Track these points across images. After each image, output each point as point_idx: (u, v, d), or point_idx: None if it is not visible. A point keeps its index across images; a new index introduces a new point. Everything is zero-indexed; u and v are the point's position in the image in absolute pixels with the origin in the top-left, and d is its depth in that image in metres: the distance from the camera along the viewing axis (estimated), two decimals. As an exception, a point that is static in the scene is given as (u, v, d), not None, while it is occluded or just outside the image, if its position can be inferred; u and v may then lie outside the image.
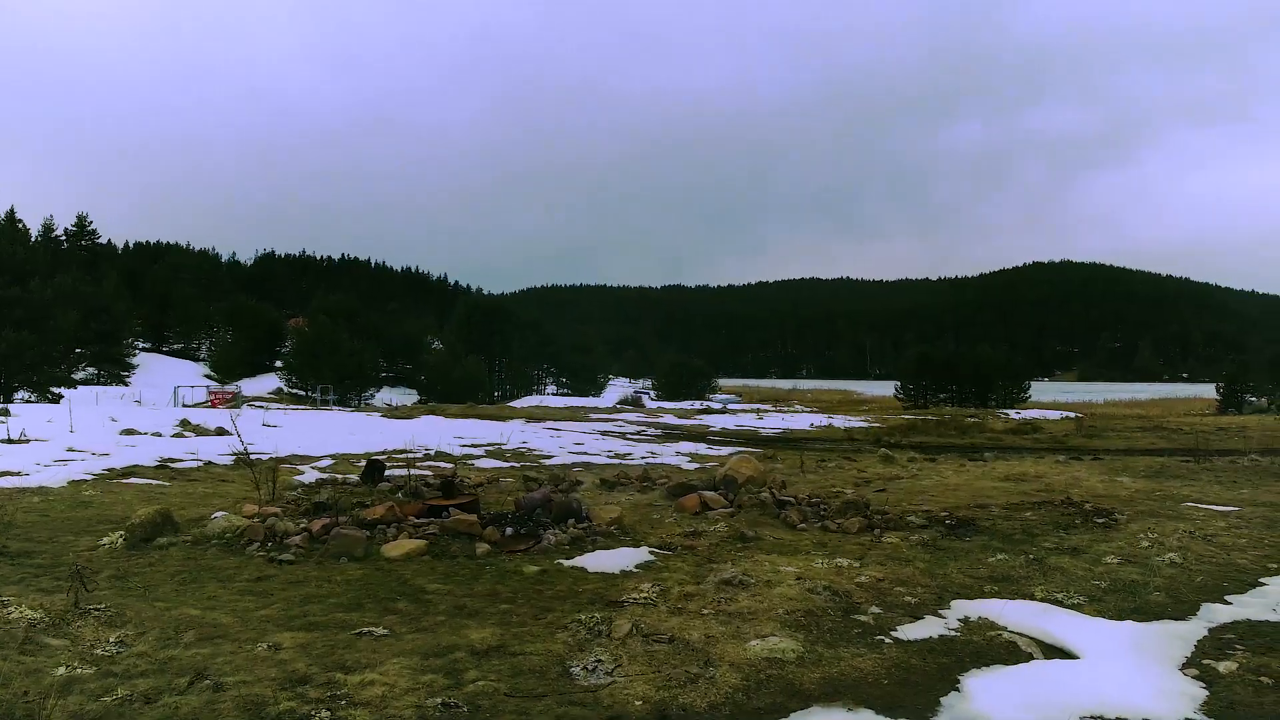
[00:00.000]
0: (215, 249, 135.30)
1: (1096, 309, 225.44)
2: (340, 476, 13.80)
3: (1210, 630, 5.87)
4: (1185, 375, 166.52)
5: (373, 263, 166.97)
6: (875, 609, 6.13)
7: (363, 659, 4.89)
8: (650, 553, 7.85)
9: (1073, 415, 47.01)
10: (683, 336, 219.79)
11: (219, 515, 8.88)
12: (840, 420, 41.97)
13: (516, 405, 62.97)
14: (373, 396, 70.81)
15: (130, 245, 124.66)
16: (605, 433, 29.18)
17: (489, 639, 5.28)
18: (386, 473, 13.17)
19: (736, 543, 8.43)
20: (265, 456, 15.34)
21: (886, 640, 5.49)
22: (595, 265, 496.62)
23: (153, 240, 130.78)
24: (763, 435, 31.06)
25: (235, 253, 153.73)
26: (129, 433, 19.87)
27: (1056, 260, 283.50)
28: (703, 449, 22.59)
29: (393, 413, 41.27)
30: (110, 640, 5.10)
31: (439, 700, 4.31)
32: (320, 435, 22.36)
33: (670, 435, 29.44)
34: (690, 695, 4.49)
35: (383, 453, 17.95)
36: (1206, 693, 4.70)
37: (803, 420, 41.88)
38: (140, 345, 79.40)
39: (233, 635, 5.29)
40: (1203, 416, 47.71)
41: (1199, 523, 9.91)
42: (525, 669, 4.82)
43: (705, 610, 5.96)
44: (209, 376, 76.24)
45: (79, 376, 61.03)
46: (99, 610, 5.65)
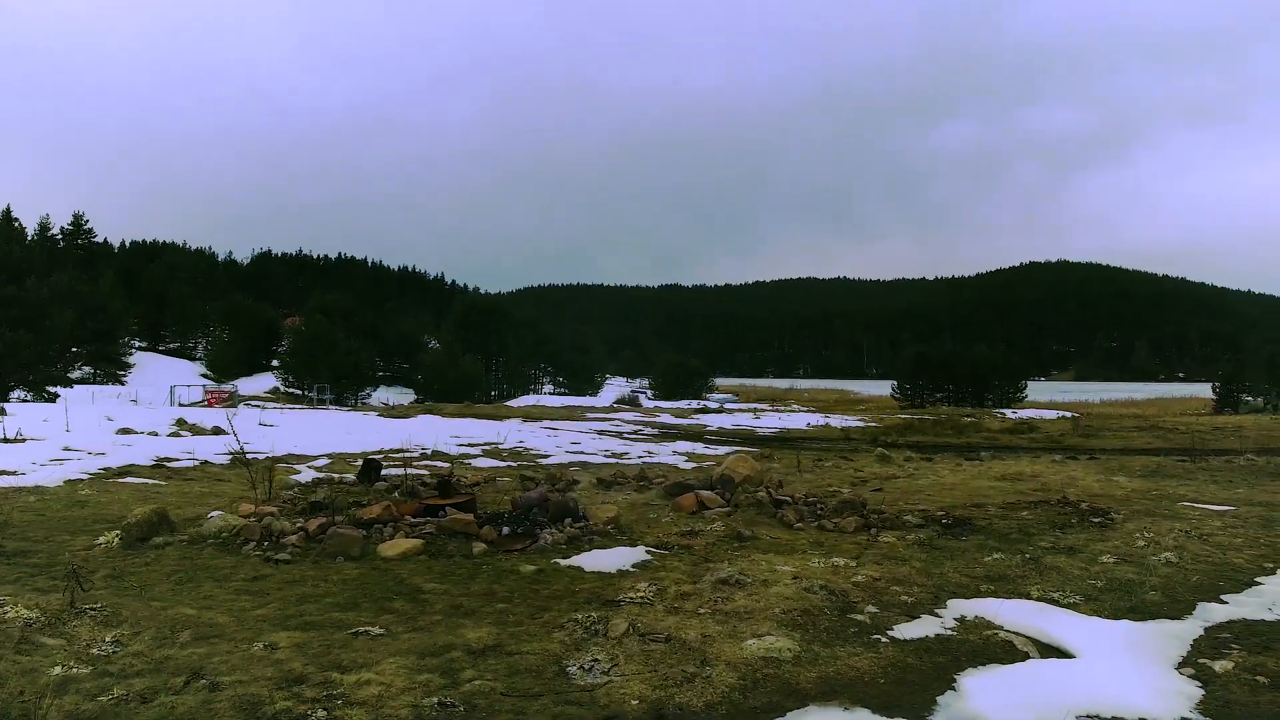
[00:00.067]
0: (211, 248, 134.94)
1: (1093, 309, 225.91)
2: (337, 476, 13.80)
3: (1206, 629, 5.87)
4: (1181, 375, 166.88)
5: (370, 262, 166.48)
6: (872, 608, 6.13)
7: (359, 658, 4.88)
8: (647, 552, 7.85)
9: (1069, 415, 47.05)
10: (680, 336, 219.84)
11: (215, 515, 8.88)
12: (837, 420, 41.99)
13: (513, 404, 62.98)
14: (369, 396, 70.81)
15: (126, 244, 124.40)
16: (602, 432, 29.18)
17: (485, 638, 5.28)
18: (383, 472, 13.16)
19: (733, 542, 8.44)
20: (262, 456, 15.34)
21: (883, 639, 5.50)
22: (592, 264, 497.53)
23: (149, 239, 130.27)
24: (760, 435, 31.07)
25: (232, 252, 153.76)
26: (125, 432, 19.85)
27: (1053, 260, 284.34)
28: (699, 448, 22.59)
29: (389, 412, 41.25)
30: (106, 640, 5.09)
31: (435, 700, 4.31)
32: (317, 435, 22.35)
33: (667, 434, 29.44)
34: (687, 694, 4.49)
35: (379, 452, 17.95)
36: (1202, 692, 4.71)
37: (799, 420, 41.90)
38: (136, 344, 79.27)
39: (229, 635, 5.28)
40: (1199, 416, 47.80)
41: (1195, 522, 9.93)
42: (522, 668, 4.82)
43: (702, 609, 5.96)
44: (205, 376, 76.25)
45: (75, 375, 61.01)
46: (95, 610, 5.64)
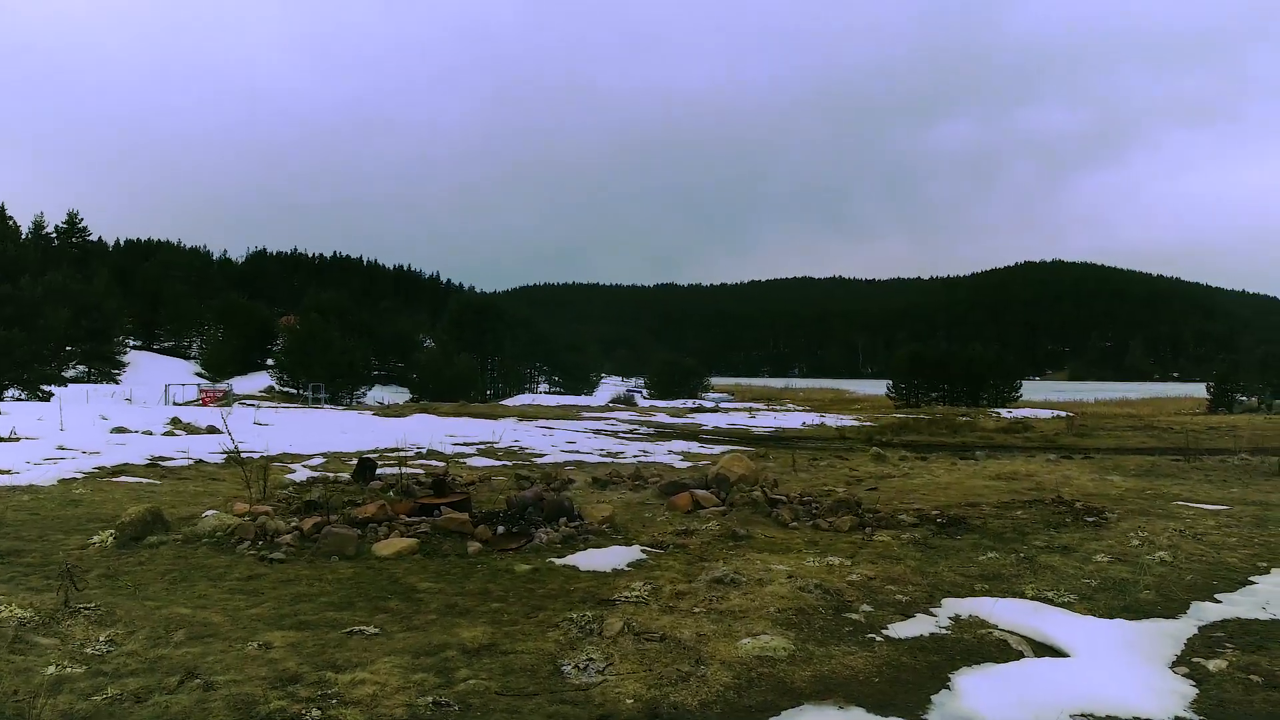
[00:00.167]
0: (206, 246, 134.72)
1: (1088, 308, 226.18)
2: (332, 475, 13.78)
3: (1200, 628, 5.89)
4: (1176, 375, 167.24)
5: (365, 261, 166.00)
6: (866, 607, 6.14)
7: (354, 658, 4.88)
8: (642, 551, 7.85)
9: (1064, 414, 47.09)
10: (675, 335, 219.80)
11: (210, 514, 8.86)
12: (832, 419, 42.02)
13: (509, 404, 62.91)
14: (364, 395, 70.70)
15: (121, 243, 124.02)
16: (597, 431, 29.17)
17: (480, 638, 5.28)
18: (378, 471, 13.15)
19: (728, 541, 8.44)
20: (256, 455, 15.31)
21: (878, 638, 5.50)
22: (588, 263, 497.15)
23: (144, 238, 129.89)
24: (755, 434, 31.07)
25: (226, 250, 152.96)
26: (119, 431, 19.81)
27: (1048, 260, 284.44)
28: (695, 447, 22.59)
29: (384, 411, 41.20)
30: (100, 639, 5.09)
31: (430, 699, 4.30)
32: (312, 434, 22.32)
33: (662, 434, 29.44)
34: (682, 693, 4.49)
35: (374, 451, 17.93)
36: (1197, 691, 4.72)
37: (795, 419, 41.93)
38: (131, 343, 79.00)
39: (223, 634, 5.28)
40: (1193, 416, 47.90)
41: (1189, 521, 9.95)
42: (517, 667, 4.82)
43: (697, 608, 5.97)
44: (200, 374, 76.05)
45: (69, 374, 60.79)
46: (89, 609, 5.63)
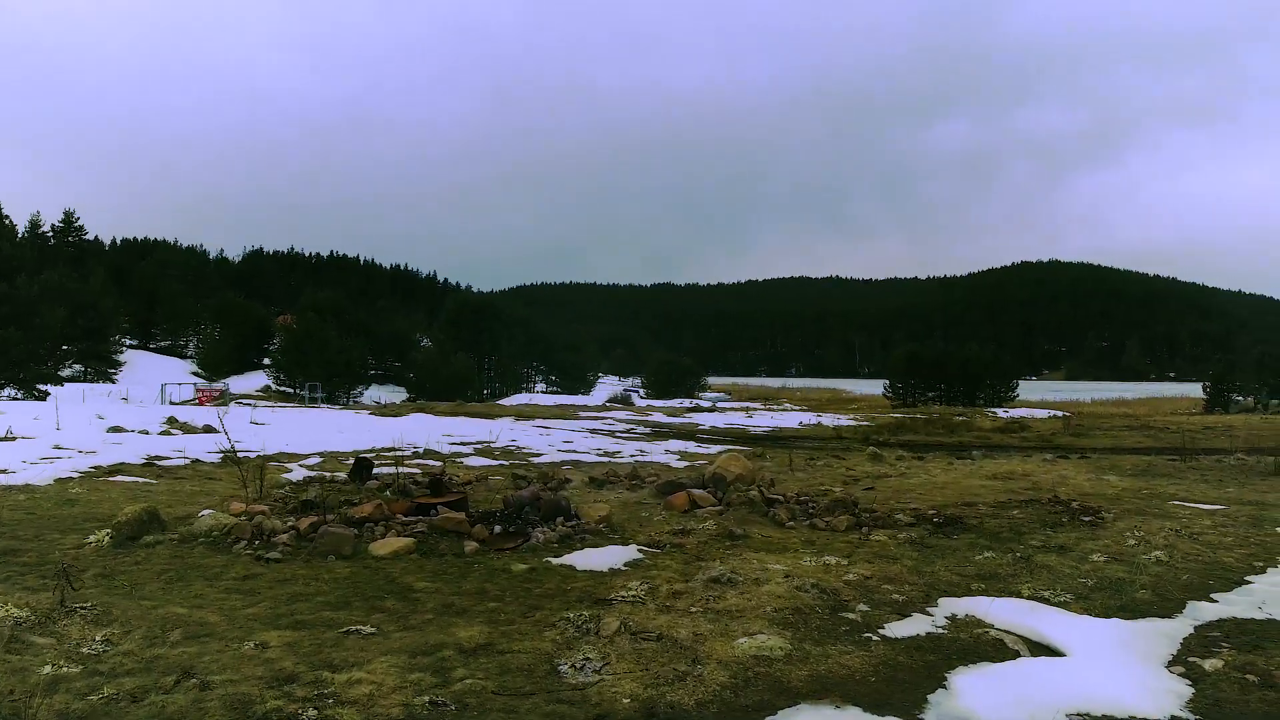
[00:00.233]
0: (203, 245, 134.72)
1: (1084, 308, 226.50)
2: (328, 474, 13.76)
3: (1196, 628, 5.90)
4: (1172, 374, 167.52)
5: (361, 260, 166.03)
6: (863, 607, 6.14)
7: (350, 657, 4.88)
8: (639, 551, 7.85)
9: (1060, 414, 47.17)
10: (672, 334, 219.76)
11: (206, 513, 8.85)
12: (829, 419, 42.04)
13: (506, 403, 62.86)
14: (361, 394, 70.59)
15: (117, 241, 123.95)
16: (594, 431, 29.17)
17: (477, 637, 5.28)
18: (375, 471, 13.13)
19: (725, 541, 8.44)
20: (253, 454, 15.30)
21: (874, 638, 5.51)
22: (585, 263, 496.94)
23: (140, 237, 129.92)
24: (752, 433, 31.08)
25: (223, 249, 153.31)
26: (116, 430, 19.76)
27: (1045, 260, 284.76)
28: (692, 447, 22.59)
29: (381, 410, 41.13)
30: (96, 639, 5.08)
31: (426, 699, 4.30)
32: (308, 433, 22.26)
33: (659, 433, 29.44)
34: (678, 693, 4.49)
35: (371, 451, 17.90)
36: (1192, 690, 4.73)
37: (792, 418, 41.94)
38: (127, 342, 79.01)
39: (219, 634, 5.27)
40: (1189, 415, 47.98)
41: (1185, 521, 9.97)
42: (513, 667, 4.82)
43: (693, 608, 5.97)
44: (196, 374, 75.89)
45: (66, 374, 60.65)
46: (85, 609, 5.62)
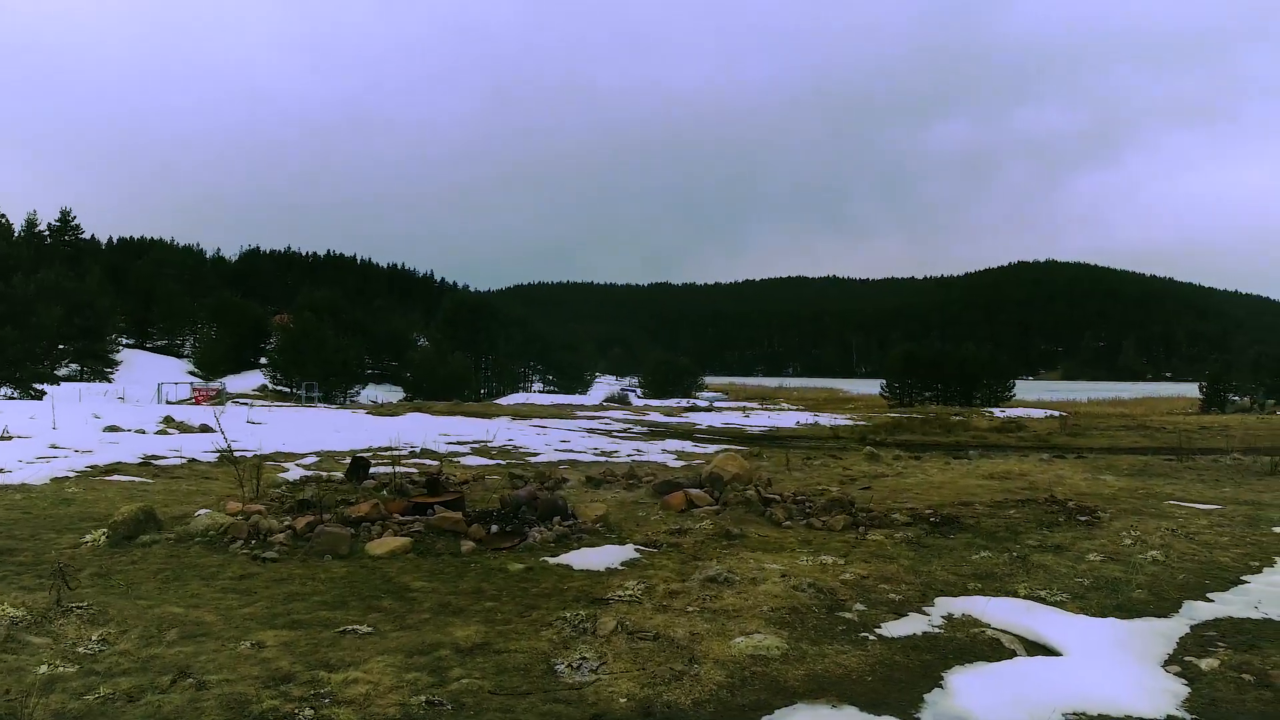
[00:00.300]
0: (200, 245, 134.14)
1: (1081, 308, 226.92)
2: (325, 474, 13.74)
3: (1192, 628, 5.91)
4: (1169, 374, 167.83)
5: (358, 259, 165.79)
6: (860, 606, 6.14)
7: (347, 657, 4.87)
8: (636, 550, 7.85)
9: (1057, 414, 47.23)
10: (670, 334, 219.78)
11: (202, 513, 8.84)
12: (826, 418, 42.05)
13: (503, 403, 62.82)
14: (358, 393, 70.52)
15: (114, 241, 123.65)
16: (591, 430, 29.16)
17: (474, 637, 5.28)
18: (371, 470, 13.12)
19: (722, 540, 8.44)
20: (249, 454, 15.29)
21: (871, 637, 5.51)
22: (582, 263, 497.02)
23: (136, 236, 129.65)
24: (749, 433, 31.09)
25: (220, 249, 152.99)
26: (112, 430, 19.73)
27: (1042, 260, 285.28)
28: (689, 446, 22.58)
29: (378, 410, 41.06)
30: (93, 638, 5.07)
31: (423, 698, 4.30)
32: (305, 432, 22.24)
33: (656, 433, 29.43)
34: (675, 692, 4.49)
35: (368, 450, 17.89)
36: (1189, 690, 4.73)
37: (789, 418, 41.95)
38: (124, 342, 78.78)
39: (216, 633, 5.27)
40: (1186, 415, 48.01)
41: (1182, 521, 9.98)
42: (510, 667, 4.82)
43: (690, 607, 5.97)
44: (193, 373, 75.81)
45: (62, 373, 60.61)
46: (81, 608, 5.61)
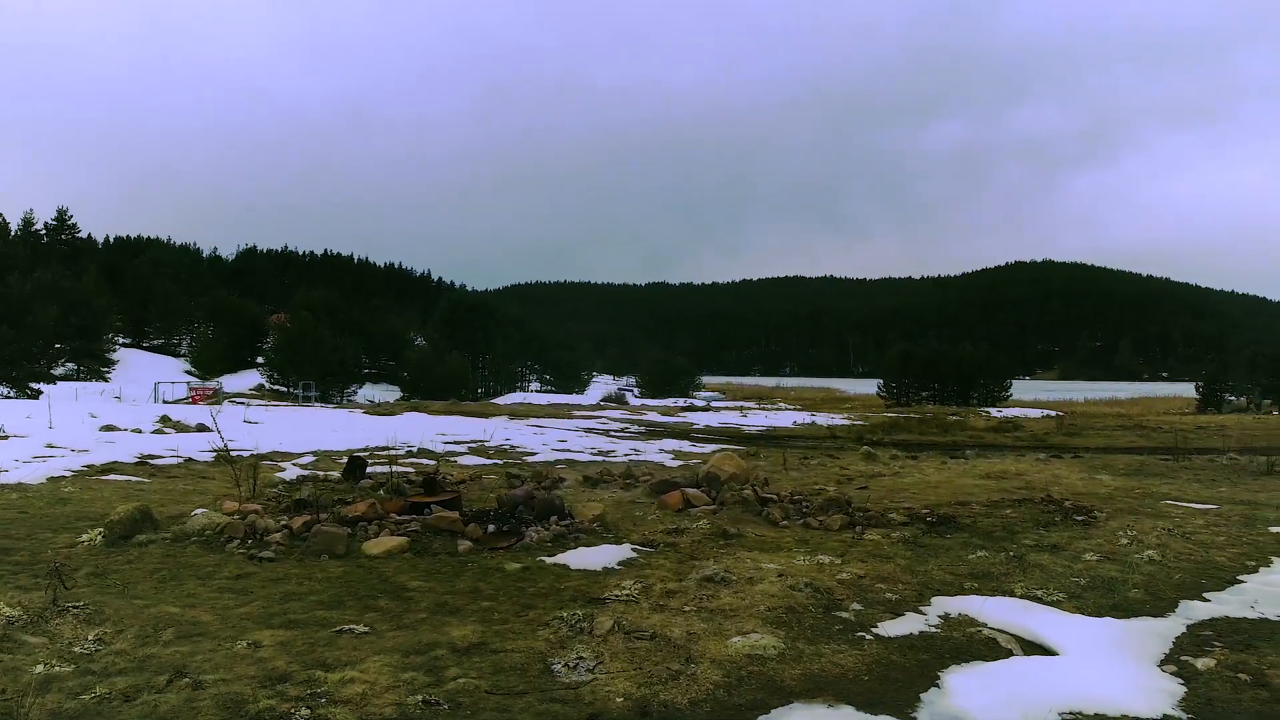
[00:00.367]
0: (196, 244, 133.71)
1: (1077, 308, 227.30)
2: (322, 473, 13.74)
3: (1189, 627, 5.91)
4: (1165, 374, 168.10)
5: (355, 258, 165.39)
6: (856, 606, 6.15)
7: (343, 656, 4.87)
8: (633, 550, 7.85)
9: (1053, 413, 47.30)
10: (667, 334, 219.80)
11: (199, 512, 8.83)
12: (823, 418, 42.10)
13: (500, 402, 62.86)
14: (355, 393, 70.45)
15: (110, 240, 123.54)
16: (589, 430, 29.15)
17: (470, 636, 5.27)
18: (368, 470, 13.11)
19: (719, 540, 8.44)
20: (246, 453, 15.27)
21: (867, 637, 5.51)
22: (580, 262, 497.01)
23: (133, 235, 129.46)
24: (746, 433, 31.11)
25: (216, 248, 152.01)
26: (109, 429, 19.71)
27: (1038, 260, 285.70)
28: (686, 446, 22.59)
29: (375, 409, 41.06)
30: (89, 638, 5.06)
31: (420, 698, 4.29)
32: (302, 432, 22.24)
33: (654, 432, 29.44)
34: (671, 692, 4.49)
35: (365, 449, 17.88)
36: (1185, 689, 4.74)
37: (786, 418, 41.99)
38: (120, 341, 78.72)
39: (212, 633, 5.26)
40: (1182, 415, 48.13)
41: (1178, 520, 9.99)
42: (507, 666, 4.82)
43: (687, 607, 5.97)
44: (190, 372, 75.85)
45: (58, 372, 60.53)
46: (77, 608, 5.60)
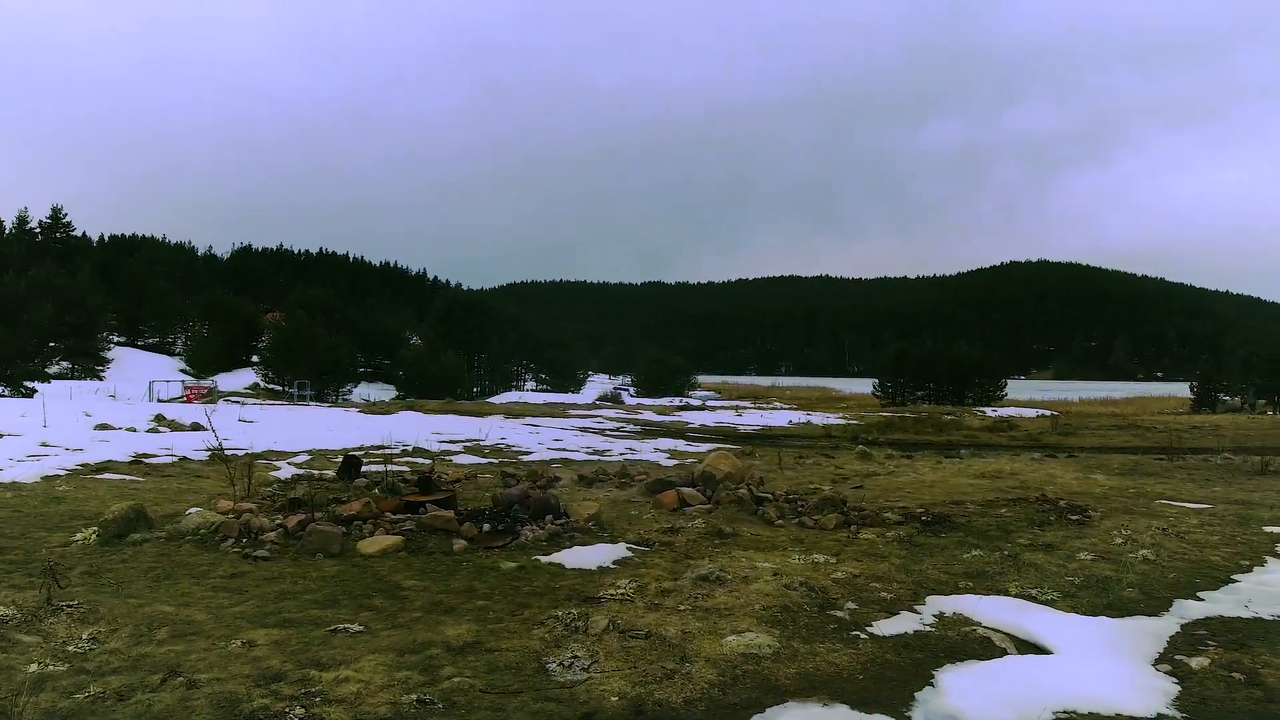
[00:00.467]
0: (191, 242, 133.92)
1: (1073, 308, 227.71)
2: (317, 472, 13.72)
3: (1183, 626, 5.93)
4: (1160, 374, 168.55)
5: (351, 257, 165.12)
6: (851, 605, 6.15)
7: (338, 656, 4.86)
8: (628, 549, 7.85)
9: (1048, 413, 47.37)
10: (663, 333, 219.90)
11: (194, 511, 8.81)
12: (819, 417, 42.14)
13: (495, 401, 62.80)
14: (350, 392, 70.32)
15: (105, 238, 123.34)
16: (584, 429, 29.15)
17: (465, 635, 5.27)
18: (363, 469, 13.11)
19: (714, 539, 8.45)
20: (241, 452, 15.26)
21: (862, 636, 5.52)
22: (576, 261, 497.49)
23: (128, 233, 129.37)
24: (741, 432, 31.13)
25: (212, 246, 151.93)
26: (103, 428, 19.67)
27: (1034, 260, 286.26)
28: (681, 445, 22.60)
29: (370, 408, 41.01)
30: (83, 637, 5.05)
31: (414, 697, 4.29)
32: (297, 431, 22.21)
33: (649, 432, 29.44)
34: (666, 691, 4.49)
35: (360, 449, 17.85)
36: (1179, 688, 4.75)
37: (781, 417, 42.02)
38: (115, 339, 78.41)
39: (206, 632, 5.25)
40: (1176, 415, 48.25)
41: (1172, 520, 10.02)
42: (501, 665, 4.81)
43: (682, 606, 5.97)
44: (185, 371, 75.66)
45: (53, 371, 60.28)
46: (71, 607, 5.59)
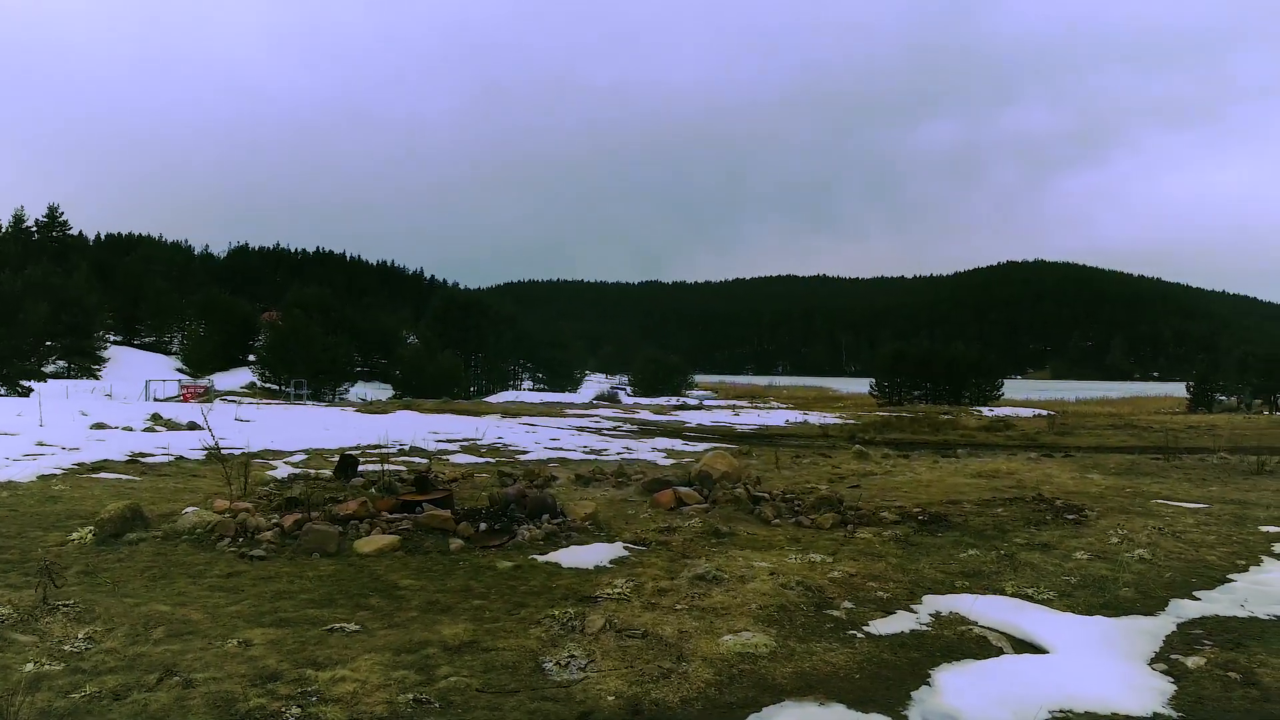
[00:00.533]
0: (188, 241, 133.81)
1: (1069, 308, 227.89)
2: (313, 472, 13.71)
3: (1179, 626, 5.94)
4: (1156, 374, 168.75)
5: (348, 256, 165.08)
6: (848, 604, 6.16)
7: (334, 655, 4.86)
8: (624, 548, 7.85)
9: (1045, 413, 47.42)
10: (660, 332, 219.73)
11: (190, 511, 8.80)
12: (815, 417, 42.16)
13: (492, 401, 62.74)
14: (347, 391, 70.24)
15: (101, 237, 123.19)
16: (581, 428, 29.14)
17: (462, 635, 5.27)
18: (360, 468, 13.10)
19: (711, 538, 8.45)
20: (237, 451, 15.24)
21: (859, 635, 5.52)
22: (573, 261, 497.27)
23: (124, 232, 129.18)
24: (738, 431, 31.13)
25: (208, 245, 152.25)
26: (99, 427, 19.63)
27: (1030, 260, 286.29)
28: (678, 445, 22.60)
29: (367, 408, 40.97)
30: (79, 636, 5.05)
31: (411, 696, 4.29)
32: (293, 430, 22.18)
33: (646, 431, 29.44)
34: (663, 690, 4.50)
35: (356, 448, 17.84)
36: (1175, 687, 4.76)
37: (778, 417, 42.03)
38: (111, 338, 78.34)
39: (203, 632, 5.24)
40: (1173, 415, 48.32)
41: (1169, 519, 10.03)
42: (498, 665, 4.81)
43: (679, 605, 5.97)
44: (181, 370, 75.53)
45: (49, 370, 60.19)
46: (68, 606, 5.59)
